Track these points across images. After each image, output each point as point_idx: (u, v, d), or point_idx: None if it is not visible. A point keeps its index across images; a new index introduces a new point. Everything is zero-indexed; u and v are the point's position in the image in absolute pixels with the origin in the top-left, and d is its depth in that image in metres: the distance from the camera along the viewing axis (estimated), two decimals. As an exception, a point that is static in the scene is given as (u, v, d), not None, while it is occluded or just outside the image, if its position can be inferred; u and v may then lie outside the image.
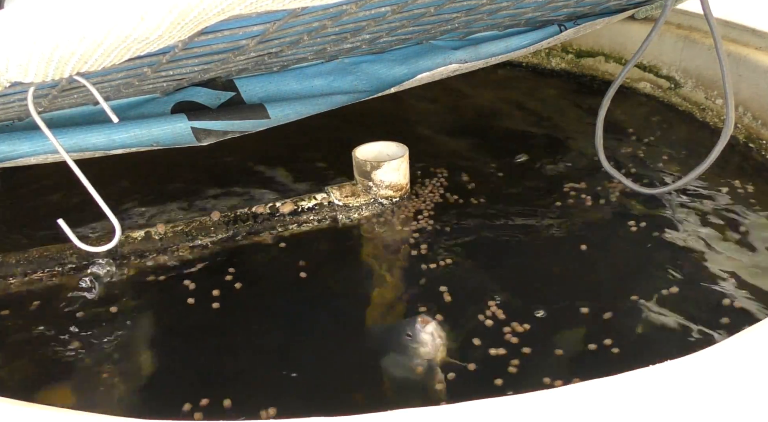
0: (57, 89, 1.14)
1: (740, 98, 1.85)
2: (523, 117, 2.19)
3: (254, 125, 1.48)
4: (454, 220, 1.60)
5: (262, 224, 1.60)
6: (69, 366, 1.23)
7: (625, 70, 1.56)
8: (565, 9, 1.64)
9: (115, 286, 1.43)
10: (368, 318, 1.32)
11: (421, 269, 1.44)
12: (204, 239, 1.55)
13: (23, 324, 1.34)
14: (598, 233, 1.55)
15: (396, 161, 1.62)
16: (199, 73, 1.38)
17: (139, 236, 1.53)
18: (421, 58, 1.65)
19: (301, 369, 1.20)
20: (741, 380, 0.79)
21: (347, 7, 1.13)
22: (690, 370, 0.80)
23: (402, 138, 1.71)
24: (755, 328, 0.89)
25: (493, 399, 0.76)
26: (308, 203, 1.64)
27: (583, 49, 2.41)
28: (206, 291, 1.40)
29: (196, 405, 1.12)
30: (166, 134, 1.40)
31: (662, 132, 2.01)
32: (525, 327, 1.25)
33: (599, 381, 0.78)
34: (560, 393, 0.77)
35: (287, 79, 1.58)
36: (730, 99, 1.42)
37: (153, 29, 0.80)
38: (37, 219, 1.68)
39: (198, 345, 1.26)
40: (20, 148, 1.31)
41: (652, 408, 0.75)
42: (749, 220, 1.56)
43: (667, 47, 2.11)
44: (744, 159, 1.83)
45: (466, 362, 1.19)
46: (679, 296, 1.33)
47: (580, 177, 1.76)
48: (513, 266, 1.45)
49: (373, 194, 1.64)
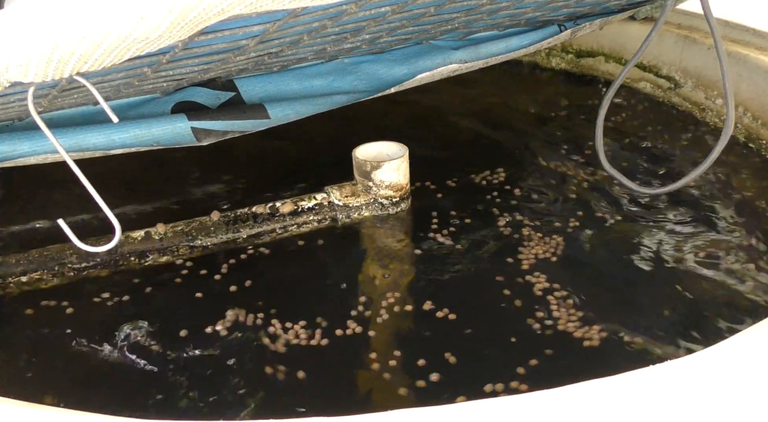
0: (57, 89, 1.14)
1: (740, 98, 1.85)
2: (523, 117, 2.19)
3: (254, 124, 1.48)
4: (454, 218, 1.61)
5: (262, 224, 1.60)
6: (69, 366, 1.23)
7: (625, 70, 1.56)
8: (565, 9, 1.64)
9: (115, 286, 1.44)
10: (368, 317, 1.32)
11: (421, 269, 1.44)
12: (204, 239, 1.55)
13: (23, 324, 1.34)
14: (597, 228, 1.55)
15: (396, 161, 1.62)
16: (199, 73, 1.38)
17: (139, 236, 1.53)
18: (421, 59, 1.65)
19: (301, 368, 1.20)
20: (741, 380, 0.79)
21: (347, 7, 1.13)
22: (690, 370, 0.80)
23: (401, 138, 1.71)
24: (755, 328, 0.89)
25: (493, 399, 0.76)
26: (308, 203, 1.64)
27: (583, 49, 2.41)
28: (206, 291, 1.40)
29: (197, 402, 1.12)
30: (166, 134, 1.40)
31: (662, 132, 2.01)
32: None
33: (599, 381, 0.78)
34: (560, 393, 0.77)
35: (287, 79, 1.58)
36: (730, 99, 1.42)
37: (153, 29, 0.80)
38: (37, 219, 1.68)
39: (197, 345, 1.26)
40: (20, 148, 1.31)
41: (652, 408, 0.75)
42: (749, 220, 1.56)
43: (667, 47, 2.11)
44: (744, 159, 1.83)
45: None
46: (679, 296, 1.33)
47: (579, 177, 1.77)
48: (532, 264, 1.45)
49: (373, 194, 1.64)
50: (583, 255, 1.49)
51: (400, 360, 1.22)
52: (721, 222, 1.56)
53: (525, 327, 1.28)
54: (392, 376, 1.18)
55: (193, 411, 1.12)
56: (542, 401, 0.76)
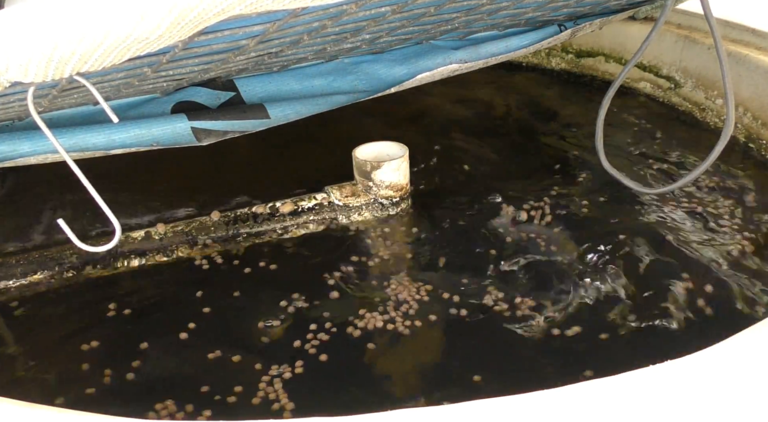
0: (57, 89, 1.14)
1: (740, 98, 1.85)
2: (522, 117, 2.19)
3: (254, 124, 1.48)
4: (454, 218, 1.61)
5: (262, 224, 1.60)
6: (68, 367, 1.23)
7: (625, 70, 1.56)
8: (565, 9, 1.64)
9: (115, 286, 1.44)
10: (368, 317, 1.32)
11: (421, 269, 1.44)
12: (204, 238, 1.55)
13: (23, 324, 1.34)
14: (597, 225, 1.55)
15: (396, 161, 1.62)
16: (199, 73, 1.38)
17: (139, 236, 1.53)
18: (421, 58, 1.65)
19: (302, 366, 1.20)
20: (741, 380, 0.79)
21: (347, 7, 1.13)
22: (690, 370, 0.80)
23: (400, 138, 1.71)
24: (755, 328, 0.89)
25: (493, 399, 0.76)
26: (308, 203, 1.64)
27: (583, 49, 2.41)
28: (206, 291, 1.40)
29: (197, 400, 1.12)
30: (166, 133, 1.40)
31: (662, 132, 2.01)
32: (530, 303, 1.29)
33: (599, 381, 0.78)
34: (560, 393, 0.77)
35: (287, 79, 1.58)
36: (730, 99, 1.42)
37: (153, 29, 0.80)
38: (36, 219, 1.68)
39: (196, 345, 1.26)
40: (20, 148, 1.31)
41: (652, 408, 0.75)
42: (749, 220, 1.56)
43: (667, 47, 2.11)
44: (744, 159, 1.83)
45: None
46: (678, 296, 1.33)
47: (579, 176, 1.77)
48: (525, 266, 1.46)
49: (373, 194, 1.64)
50: (574, 252, 1.49)
51: (401, 360, 1.22)
52: (721, 222, 1.56)
53: (527, 325, 1.28)
54: (393, 376, 1.18)
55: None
56: (542, 401, 0.76)
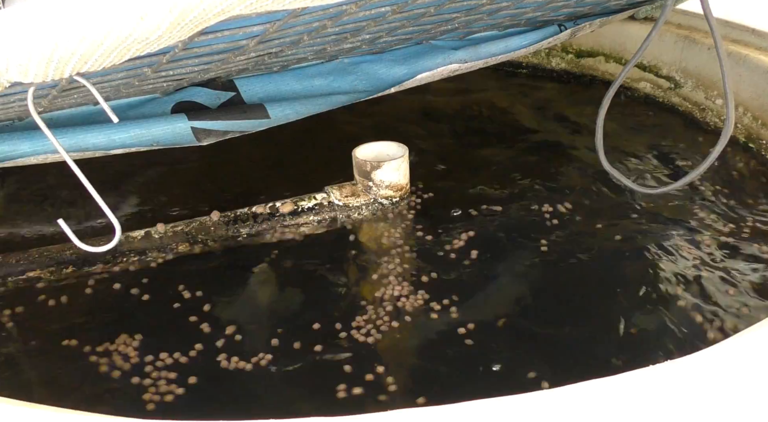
0: (57, 89, 1.14)
1: (740, 98, 1.85)
2: (522, 117, 2.19)
3: (254, 124, 1.48)
4: (455, 218, 1.61)
5: (262, 224, 1.60)
6: (68, 367, 1.23)
7: (625, 70, 1.56)
8: (565, 9, 1.64)
9: (114, 286, 1.44)
10: (368, 318, 1.32)
11: (421, 268, 1.44)
12: (204, 238, 1.55)
13: (22, 323, 1.34)
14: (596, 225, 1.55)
15: (396, 161, 1.62)
16: (199, 73, 1.38)
17: (139, 236, 1.53)
18: (421, 59, 1.65)
19: (301, 365, 1.20)
20: (741, 380, 0.79)
21: (347, 7, 1.13)
22: (690, 370, 0.80)
23: (399, 138, 1.71)
24: (755, 328, 0.89)
25: (492, 399, 0.76)
26: (308, 203, 1.64)
27: (583, 49, 2.41)
28: (206, 291, 1.40)
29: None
30: (166, 134, 1.40)
31: (662, 132, 2.01)
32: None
33: (599, 381, 0.78)
34: (560, 393, 0.77)
35: (287, 79, 1.58)
36: (730, 99, 1.42)
37: (153, 29, 0.80)
38: (36, 219, 1.68)
39: (195, 344, 1.27)
40: (20, 148, 1.31)
41: (652, 408, 0.75)
42: (749, 220, 1.56)
43: (667, 47, 2.11)
44: (744, 159, 1.83)
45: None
46: (678, 297, 1.33)
47: (579, 176, 1.77)
48: (519, 273, 1.45)
49: (373, 194, 1.64)
50: (571, 251, 1.49)
51: (401, 360, 1.22)
52: (721, 222, 1.56)
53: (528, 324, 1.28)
54: (393, 377, 1.18)
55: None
56: (542, 401, 0.76)
